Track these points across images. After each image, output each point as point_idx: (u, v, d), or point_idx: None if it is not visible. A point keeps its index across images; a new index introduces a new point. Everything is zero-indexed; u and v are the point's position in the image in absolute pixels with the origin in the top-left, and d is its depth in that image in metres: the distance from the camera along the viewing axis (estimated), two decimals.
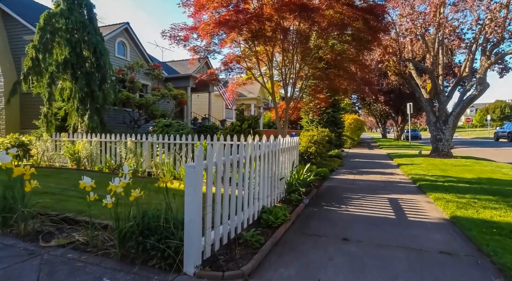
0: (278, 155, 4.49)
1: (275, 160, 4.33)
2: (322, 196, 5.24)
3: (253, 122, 6.51)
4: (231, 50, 6.99)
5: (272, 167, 4.20)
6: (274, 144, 4.28)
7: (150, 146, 7.02)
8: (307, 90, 8.26)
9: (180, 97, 13.08)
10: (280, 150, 4.62)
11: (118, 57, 13.35)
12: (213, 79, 7.85)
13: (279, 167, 4.52)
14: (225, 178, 2.79)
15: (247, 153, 3.31)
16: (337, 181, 6.94)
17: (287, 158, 5.00)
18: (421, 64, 12.28)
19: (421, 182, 6.41)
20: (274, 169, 4.26)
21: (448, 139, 11.63)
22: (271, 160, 4.12)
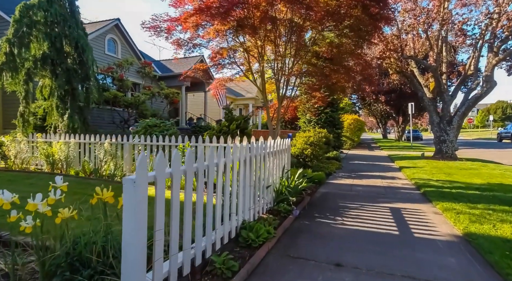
0: (265, 160, 3.94)
1: (260, 166, 3.78)
2: (315, 205, 4.68)
3: (242, 123, 5.96)
4: (219, 45, 6.42)
5: (256, 175, 3.64)
6: (260, 147, 3.73)
7: (132, 147, 6.48)
8: (302, 88, 7.69)
9: (171, 96, 12.53)
10: (267, 154, 4.07)
11: (109, 55, 12.82)
12: (201, 75, 7.26)
13: (265, 173, 3.97)
14: (187, 192, 2.24)
15: (220, 159, 2.75)
16: (333, 186, 6.38)
17: (275, 163, 4.45)
18: (424, 62, 11.72)
19: (426, 188, 5.85)
20: (258, 176, 3.71)
21: (452, 141, 11.06)
22: (254, 166, 3.56)
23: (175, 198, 2.08)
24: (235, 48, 6.17)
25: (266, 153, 4.02)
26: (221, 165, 2.76)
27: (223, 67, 6.58)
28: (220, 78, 7.06)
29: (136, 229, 1.70)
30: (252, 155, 3.51)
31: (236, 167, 3.20)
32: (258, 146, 3.70)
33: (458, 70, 17.17)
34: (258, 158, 3.68)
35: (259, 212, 3.80)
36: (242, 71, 6.72)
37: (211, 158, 2.62)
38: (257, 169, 3.66)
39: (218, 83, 7.07)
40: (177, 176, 2.13)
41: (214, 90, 7.26)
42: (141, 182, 1.74)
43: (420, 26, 11.42)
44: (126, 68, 11.23)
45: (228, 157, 2.93)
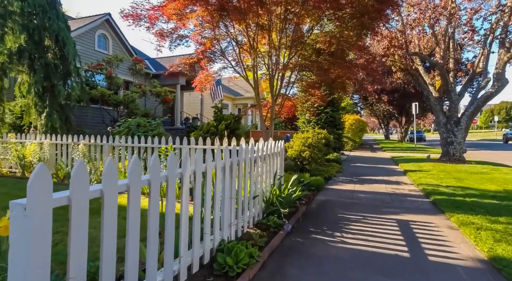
0: (251, 165, 3.36)
1: (246, 173, 3.20)
2: (312, 217, 4.09)
3: (232, 123, 5.39)
4: (206, 35, 5.81)
5: (239, 184, 3.06)
6: (246, 151, 3.15)
7: (112, 149, 5.91)
8: (300, 86, 7.10)
9: (163, 95, 11.96)
10: (255, 159, 3.49)
11: (99, 51, 12.28)
12: (188, 70, 6.64)
13: (251, 182, 3.38)
14: (131, 213, 1.65)
15: (186, 169, 2.17)
16: (333, 193, 5.78)
17: (265, 169, 3.86)
18: (430, 59, 11.09)
19: (436, 196, 5.25)
20: (242, 186, 3.13)
21: (460, 142, 10.43)
22: (238, 174, 2.98)
23: (106, 224, 1.48)
24: (220, 37, 5.54)
25: (254, 157, 3.44)
26: (186, 175, 2.17)
27: (211, 61, 5.95)
28: (205, 72, 6.42)
29: (26, 271, 1.11)
30: (235, 161, 2.93)
31: (214, 175, 2.63)
32: (243, 150, 3.12)
33: (466, 68, 16.54)
34: (242, 164, 3.10)
35: (244, 227, 3.22)
36: (232, 65, 6.09)
37: (171, 167, 2.04)
38: (240, 178, 3.08)
39: (204, 78, 6.43)
40: (135, 189, 1.55)
41: (199, 85, 6.62)
42: (38, 211, 1.16)
43: (426, 21, 10.81)
44: (115, 65, 10.68)
45: (198, 165, 2.35)
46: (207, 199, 2.47)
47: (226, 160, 2.74)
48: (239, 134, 5.57)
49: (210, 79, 6.39)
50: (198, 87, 6.67)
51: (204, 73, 6.31)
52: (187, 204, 2.23)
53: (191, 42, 6.05)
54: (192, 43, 6.12)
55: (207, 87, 15.25)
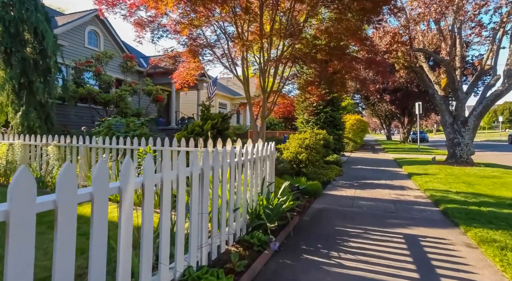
0: (233, 172, 2.82)
1: (222, 181, 2.66)
2: (305, 230, 3.55)
3: (219, 122, 4.85)
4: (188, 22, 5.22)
5: (214, 195, 2.53)
6: (224, 156, 2.62)
7: (88, 151, 5.39)
8: (296, 82, 6.55)
9: (155, 93, 11.44)
10: (236, 164, 2.95)
11: (89, 48, 11.78)
12: (172, 63, 6.06)
13: (231, 192, 2.84)
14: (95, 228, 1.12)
15: (127, 181, 1.62)
16: (331, 199, 5.23)
17: (251, 175, 3.32)
18: (436, 55, 10.52)
19: (446, 204, 4.68)
20: (220, 195, 2.59)
21: (467, 144, 9.85)
22: (207, 184, 2.44)
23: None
24: (201, 23, 4.92)
25: (236, 163, 2.90)
26: (129, 189, 1.63)
27: (195, 53, 5.32)
28: (186, 66, 5.79)
29: None
30: (207, 168, 2.39)
31: (181, 186, 2.10)
32: (220, 154, 2.59)
33: (473, 66, 15.94)
34: (218, 171, 2.56)
35: (221, 246, 2.67)
36: (217, 56, 5.50)
37: (124, 177, 1.51)
38: (215, 188, 2.54)
39: (185, 73, 5.83)
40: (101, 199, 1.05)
41: (180, 80, 6.01)
42: None
43: (431, 16, 10.24)
44: (104, 61, 10.17)
45: (165, 174, 1.81)
46: (165, 220, 1.93)
47: (193, 168, 2.20)
48: (227, 135, 5.04)
49: (193, 74, 5.78)
50: (178, 83, 6.07)
51: (185, 66, 5.71)
52: (150, 220, 1.72)
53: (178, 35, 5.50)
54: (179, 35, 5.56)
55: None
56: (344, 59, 4.79)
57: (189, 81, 5.85)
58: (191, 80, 5.81)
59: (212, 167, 2.50)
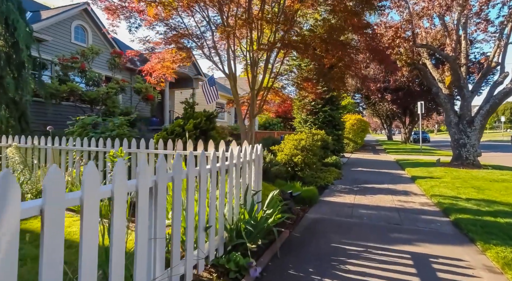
0: (202, 183, 2.29)
1: (186, 192, 2.14)
2: (296, 248, 3.02)
3: (203, 121, 4.32)
4: None
5: (175, 212, 2.00)
6: (190, 163, 2.09)
7: (58, 154, 4.86)
8: (291, 79, 6.02)
9: (144, 91, 10.90)
10: (210, 171, 2.42)
11: (76, 44, 11.23)
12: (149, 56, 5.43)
13: (201, 206, 2.31)
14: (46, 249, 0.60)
15: (91, 192, 1.09)
16: (328, 208, 4.70)
17: (229, 184, 2.79)
18: (441, 51, 9.98)
19: (457, 214, 4.15)
20: (183, 211, 2.06)
21: (474, 145, 9.32)
22: (162, 200, 1.90)
23: None
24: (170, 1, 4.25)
25: (209, 170, 2.37)
26: (90, 201, 1.10)
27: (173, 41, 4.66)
28: (159, 56, 5.10)
29: None
30: (164, 179, 1.86)
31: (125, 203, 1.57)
32: (177, 162, 2.06)
33: (476, 64, 15.41)
34: (180, 184, 2.03)
35: (187, 276, 2.14)
36: (198, 45, 4.86)
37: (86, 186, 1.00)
38: (177, 203, 2.01)
39: (160, 65, 5.18)
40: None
41: (156, 74, 5.34)
42: None
43: (435, 11, 9.70)
44: (90, 57, 9.64)
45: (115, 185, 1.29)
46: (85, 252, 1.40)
47: (140, 181, 1.67)
48: (213, 136, 4.51)
49: (171, 67, 5.12)
50: (153, 77, 5.42)
51: (159, 57, 5.05)
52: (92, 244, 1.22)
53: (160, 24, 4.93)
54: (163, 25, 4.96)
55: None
56: (342, 48, 4.23)
57: (167, 76, 5.24)
58: (169, 74, 5.20)
59: (172, 177, 1.97)
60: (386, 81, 21.96)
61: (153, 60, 4.98)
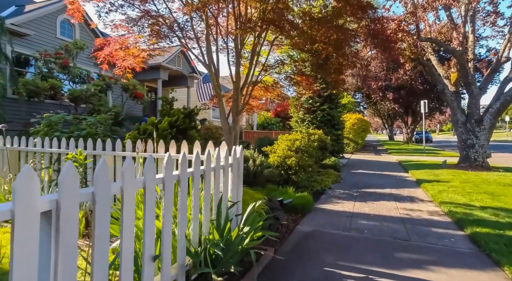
0: (148, 198, 1.71)
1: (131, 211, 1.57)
2: (279, 275, 2.44)
3: (180, 120, 3.76)
4: None
5: (99, 238, 1.42)
6: (127, 172, 1.52)
7: (17, 156, 4.30)
8: (281, 71, 5.39)
9: (132, 89, 10.33)
10: (162, 182, 1.85)
11: (62, 39, 10.68)
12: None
13: (146, 228, 1.73)
14: None
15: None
16: (323, 218, 4.12)
17: (193, 197, 2.21)
18: (447, 46, 9.37)
19: (473, 226, 3.56)
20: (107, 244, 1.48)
21: (483, 145, 8.71)
22: (68, 227, 1.32)
23: None
24: None
25: (155, 182, 1.80)
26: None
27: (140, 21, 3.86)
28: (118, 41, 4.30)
29: None
30: (66, 199, 1.28)
31: None
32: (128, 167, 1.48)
33: (488, 59, 14.80)
34: (105, 204, 1.45)
35: None
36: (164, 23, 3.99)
37: None
38: (104, 225, 1.43)
39: (113, 50, 4.42)
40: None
41: (120, 63, 4.59)
42: None
43: (440, 2, 9.10)
44: (74, 53, 9.10)
45: None
46: None
47: (31, 201, 1.10)
48: (192, 136, 3.94)
49: (135, 53, 4.32)
50: (119, 67, 4.71)
51: (117, 41, 4.28)
52: None
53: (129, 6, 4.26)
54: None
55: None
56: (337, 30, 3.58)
57: (134, 66, 4.57)
58: (136, 64, 4.51)
59: (93, 193, 1.39)
60: (388, 79, 21.34)
61: (112, 45, 4.33)
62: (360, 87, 23.83)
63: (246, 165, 5.34)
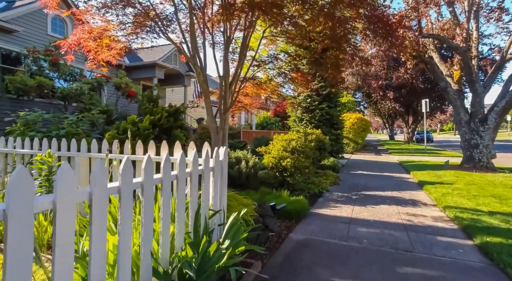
0: (95, 208, 1.40)
1: None
2: None
3: (164, 119, 3.45)
4: None
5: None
6: None
7: None
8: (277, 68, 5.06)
9: (124, 87, 10.01)
10: (117, 191, 1.53)
11: (53, 36, 10.35)
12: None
13: (96, 244, 1.41)
14: None
15: None
16: (319, 224, 3.81)
17: (163, 206, 1.89)
18: (451, 42, 9.05)
19: (483, 236, 3.25)
20: None
21: (487, 145, 8.39)
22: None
23: None
24: None
25: (107, 193, 1.48)
26: None
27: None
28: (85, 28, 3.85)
29: None
30: None
31: None
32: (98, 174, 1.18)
33: (491, 57, 14.48)
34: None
35: None
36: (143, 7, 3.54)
37: None
38: (66, 237, 1.12)
39: (81, 39, 3.96)
40: None
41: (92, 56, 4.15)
42: None
43: None
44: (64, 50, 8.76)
45: None
46: None
47: None
48: (177, 136, 3.63)
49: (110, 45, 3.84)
50: (92, 60, 4.31)
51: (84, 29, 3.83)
52: None
53: None
54: None
55: (117, 63, 13.11)
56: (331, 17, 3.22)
57: (110, 59, 4.12)
58: (112, 57, 4.08)
59: (53, 202, 1.08)
60: (388, 78, 21.01)
61: (79, 33, 3.94)
62: (360, 86, 23.52)
63: (238, 167, 5.03)
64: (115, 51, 4.01)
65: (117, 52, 4.01)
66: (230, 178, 4.99)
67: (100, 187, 1.40)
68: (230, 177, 4.99)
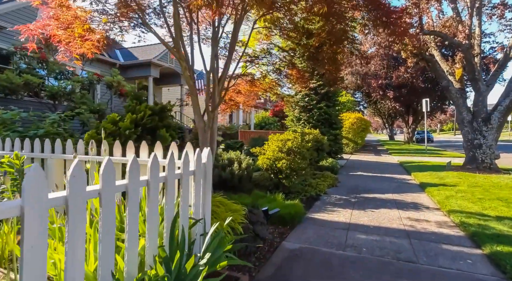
0: (27, 223, 1.13)
1: None
2: None
3: (146, 117, 3.18)
4: None
5: None
6: None
7: None
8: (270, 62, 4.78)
9: (116, 86, 9.73)
10: (62, 202, 1.26)
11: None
12: None
13: (33, 261, 1.14)
14: None
15: None
16: (315, 230, 3.54)
17: (128, 216, 1.62)
18: (453, 39, 8.79)
19: (493, 244, 2.99)
20: None
21: (491, 146, 8.13)
22: None
23: None
24: None
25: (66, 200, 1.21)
26: None
27: None
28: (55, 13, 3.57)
29: None
30: None
31: None
32: None
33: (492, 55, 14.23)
34: None
35: None
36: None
37: None
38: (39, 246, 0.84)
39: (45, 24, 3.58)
40: None
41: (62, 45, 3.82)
42: None
43: None
44: (53, 47, 8.52)
45: None
46: None
47: None
48: (162, 136, 3.37)
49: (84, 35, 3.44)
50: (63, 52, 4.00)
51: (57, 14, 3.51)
52: None
53: None
54: None
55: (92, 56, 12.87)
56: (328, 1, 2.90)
57: (85, 51, 3.73)
58: (89, 49, 3.70)
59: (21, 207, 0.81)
60: (388, 77, 20.76)
61: (45, 20, 3.61)
62: (360, 86, 23.24)
63: (231, 169, 4.77)
64: (90, 42, 3.72)
65: (92, 43, 3.72)
66: (222, 180, 4.73)
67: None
68: (222, 179, 4.73)
